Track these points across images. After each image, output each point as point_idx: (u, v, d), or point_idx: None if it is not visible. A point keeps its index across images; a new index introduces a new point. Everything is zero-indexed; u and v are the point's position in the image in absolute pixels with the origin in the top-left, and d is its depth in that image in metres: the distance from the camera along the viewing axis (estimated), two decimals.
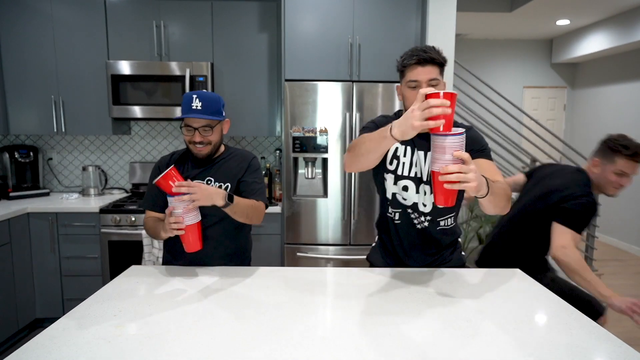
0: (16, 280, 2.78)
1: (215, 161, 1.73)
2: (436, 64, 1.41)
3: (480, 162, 1.43)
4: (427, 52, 1.40)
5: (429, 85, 1.40)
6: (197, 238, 1.49)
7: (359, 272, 1.58)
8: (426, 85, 1.40)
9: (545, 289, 1.43)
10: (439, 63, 1.42)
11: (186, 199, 1.41)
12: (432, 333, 1.10)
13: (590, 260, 4.06)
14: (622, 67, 5.27)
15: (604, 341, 1.08)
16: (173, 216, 1.44)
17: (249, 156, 1.78)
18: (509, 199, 1.37)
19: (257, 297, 1.34)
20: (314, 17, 2.77)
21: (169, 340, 1.06)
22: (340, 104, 2.77)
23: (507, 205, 1.36)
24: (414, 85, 1.42)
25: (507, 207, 1.38)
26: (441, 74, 1.45)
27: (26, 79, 3.05)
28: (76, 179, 3.51)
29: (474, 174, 1.12)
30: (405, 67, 1.44)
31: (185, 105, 1.60)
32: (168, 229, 1.45)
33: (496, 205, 1.32)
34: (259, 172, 1.77)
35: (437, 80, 1.41)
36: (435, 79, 1.41)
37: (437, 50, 1.43)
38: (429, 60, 1.40)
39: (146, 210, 1.75)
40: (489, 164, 1.45)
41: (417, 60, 1.40)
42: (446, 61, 1.45)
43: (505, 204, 1.35)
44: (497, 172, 1.44)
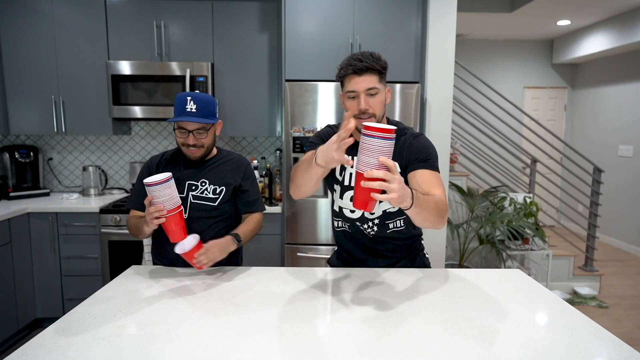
0: (16, 280, 2.78)
1: (208, 163, 1.73)
2: (374, 72, 1.36)
3: (420, 172, 1.39)
4: (363, 61, 1.35)
5: (367, 94, 1.36)
6: (182, 226, 1.47)
7: (359, 272, 1.58)
8: (364, 95, 1.36)
9: (546, 289, 1.43)
10: (377, 70, 1.37)
11: (207, 266, 1.50)
12: (432, 333, 1.10)
13: (591, 260, 4.06)
14: (622, 67, 5.26)
15: (604, 341, 1.08)
16: (152, 205, 1.42)
17: (243, 162, 1.79)
18: (440, 214, 1.29)
19: (257, 297, 1.34)
20: (314, 17, 2.77)
21: (169, 340, 1.06)
22: (340, 104, 2.77)
23: (438, 220, 1.28)
24: (352, 96, 1.38)
25: (439, 223, 1.30)
26: (381, 81, 1.40)
27: (26, 79, 3.05)
28: (76, 179, 3.51)
29: (398, 184, 1.06)
30: (343, 77, 1.41)
31: (179, 107, 1.57)
32: (149, 220, 1.43)
33: (424, 219, 1.25)
34: (255, 179, 1.81)
35: (376, 89, 1.37)
36: (373, 87, 1.36)
37: (376, 57, 1.38)
38: (365, 70, 1.35)
39: (130, 210, 1.74)
40: (429, 175, 1.39)
41: (353, 70, 1.35)
42: (386, 68, 1.40)
43: (436, 219, 1.27)
44: (437, 185, 1.37)
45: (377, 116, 1.40)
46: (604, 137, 5.55)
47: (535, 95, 6.02)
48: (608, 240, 5.46)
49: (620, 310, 3.53)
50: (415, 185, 1.38)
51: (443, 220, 1.32)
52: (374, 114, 1.38)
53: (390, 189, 1.05)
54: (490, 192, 3.76)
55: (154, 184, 1.40)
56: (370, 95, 1.37)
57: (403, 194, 1.09)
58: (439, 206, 1.29)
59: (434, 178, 1.39)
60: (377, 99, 1.39)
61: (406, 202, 1.13)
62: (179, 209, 1.47)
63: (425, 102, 2.86)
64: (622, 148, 5.26)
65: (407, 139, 1.46)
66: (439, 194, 1.34)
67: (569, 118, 6.12)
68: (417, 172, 1.40)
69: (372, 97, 1.38)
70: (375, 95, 1.38)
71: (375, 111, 1.39)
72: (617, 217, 5.32)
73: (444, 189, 1.39)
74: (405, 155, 1.44)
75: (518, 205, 3.67)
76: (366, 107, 1.36)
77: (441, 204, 1.31)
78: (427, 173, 1.40)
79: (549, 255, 3.67)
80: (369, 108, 1.37)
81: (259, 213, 1.78)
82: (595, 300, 3.71)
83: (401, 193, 1.07)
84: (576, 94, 6.05)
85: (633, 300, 3.75)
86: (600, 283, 3.98)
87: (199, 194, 1.67)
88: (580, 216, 4.71)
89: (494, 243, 3.49)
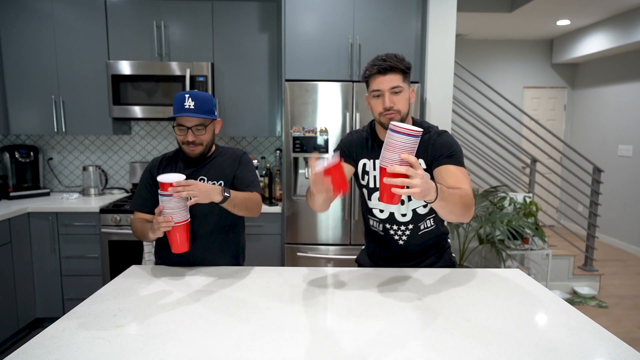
0: (16, 280, 2.78)
1: (207, 160, 1.73)
2: (398, 72, 1.42)
3: (446, 168, 1.43)
4: (387, 61, 1.41)
5: (392, 92, 1.42)
6: (185, 239, 1.47)
7: (359, 272, 1.58)
8: (389, 94, 1.42)
9: (545, 289, 1.43)
10: (401, 70, 1.42)
11: (184, 195, 1.39)
12: (432, 333, 1.10)
13: (590, 260, 4.06)
14: (622, 67, 5.27)
15: (604, 341, 1.08)
16: (162, 215, 1.42)
17: (239, 153, 1.79)
18: (467, 207, 1.33)
19: (256, 297, 1.34)
20: (314, 17, 2.77)
21: (169, 340, 1.06)
22: (341, 104, 2.77)
23: (464, 213, 1.33)
24: (377, 95, 1.44)
25: (465, 216, 1.34)
26: (405, 80, 1.45)
27: (26, 79, 3.05)
28: (76, 179, 3.51)
29: (420, 179, 1.11)
30: (368, 78, 1.46)
31: (178, 104, 1.59)
32: (156, 229, 1.43)
33: (450, 212, 1.30)
34: (250, 164, 1.78)
35: (400, 88, 1.42)
36: (397, 86, 1.42)
37: (400, 58, 1.43)
38: (389, 69, 1.41)
39: (134, 212, 1.74)
40: (455, 170, 1.43)
41: (377, 69, 1.42)
42: (410, 68, 1.45)
43: (462, 212, 1.32)
44: (463, 179, 1.41)
45: (402, 113, 1.45)
46: (603, 137, 5.55)
47: (535, 95, 6.02)
48: (608, 240, 5.46)
49: (620, 310, 3.53)
50: (441, 180, 1.43)
51: (469, 214, 1.36)
52: (399, 110, 1.44)
53: (412, 184, 1.10)
54: (490, 191, 3.76)
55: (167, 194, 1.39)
56: (394, 93, 1.43)
57: (426, 188, 1.13)
58: (465, 199, 1.33)
59: (459, 172, 1.43)
60: (402, 97, 1.44)
61: (430, 196, 1.18)
62: (186, 221, 1.47)
63: (425, 102, 2.86)
64: (621, 148, 5.26)
65: (431, 137, 1.50)
66: (465, 188, 1.38)
67: (568, 118, 6.13)
68: (442, 168, 1.44)
69: (396, 95, 1.43)
70: (399, 94, 1.43)
71: (400, 108, 1.44)
72: (617, 217, 5.32)
73: (470, 183, 1.43)
74: (430, 152, 1.48)
75: (518, 205, 3.67)
76: (391, 105, 1.42)
77: (467, 197, 1.35)
78: (452, 168, 1.43)
79: (548, 255, 3.67)
80: (394, 105, 1.42)
81: (256, 193, 1.72)
82: (595, 300, 3.71)
83: (424, 187, 1.12)
84: (576, 93, 6.05)
85: (633, 300, 3.75)
86: (600, 283, 3.98)
87: None
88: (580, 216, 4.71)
89: (494, 243, 3.49)
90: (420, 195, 1.13)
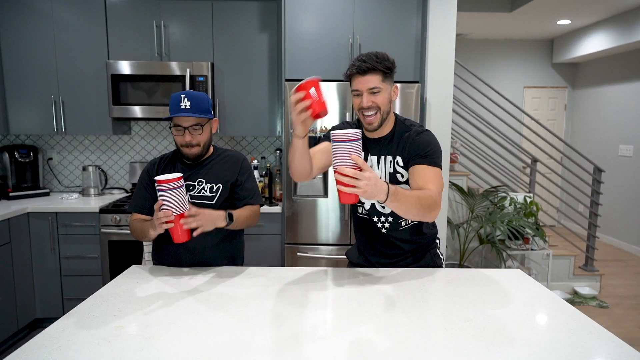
0: (16, 280, 2.78)
1: (205, 162, 1.73)
2: (377, 72, 1.43)
3: (418, 168, 1.46)
4: (366, 62, 1.42)
5: (370, 93, 1.44)
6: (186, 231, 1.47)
7: (359, 272, 1.58)
8: (367, 93, 1.44)
9: (546, 289, 1.43)
10: (380, 70, 1.43)
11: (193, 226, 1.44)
12: (433, 333, 1.10)
13: (591, 260, 4.06)
14: (622, 67, 5.26)
15: (604, 341, 1.07)
16: (162, 210, 1.42)
17: (239, 157, 1.79)
18: (425, 208, 1.35)
19: (256, 297, 1.34)
20: (314, 17, 2.76)
21: (169, 340, 1.06)
22: (341, 104, 2.77)
23: (422, 214, 1.35)
24: (357, 94, 1.48)
25: (425, 217, 1.37)
26: (385, 80, 1.46)
27: (26, 79, 3.05)
28: (76, 179, 3.51)
29: (366, 181, 1.17)
30: (349, 77, 1.49)
31: (174, 105, 1.60)
32: (157, 225, 1.42)
33: (406, 212, 1.35)
34: (252, 172, 1.80)
35: (378, 89, 1.44)
36: (375, 87, 1.43)
37: (380, 58, 1.43)
38: (367, 70, 1.42)
39: (132, 213, 1.73)
40: (426, 170, 1.45)
41: (356, 70, 1.45)
42: (391, 68, 1.46)
43: (419, 212, 1.34)
44: (432, 180, 1.43)
45: (382, 111, 1.47)
46: (604, 137, 5.55)
47: (536, 94, 6.02)
48: (608, 240, 5.45)
49: (621, 310, 3.53)
50: (412, 180, 1.47)
51: (430, 215, 1.38)
52: (379, 107, 1.46)
53: (357, 185, 1.18)
54: (490, 191, 3.76)
55: (165, 189, 1.40)
56: (372, 93, 1.45)
57: (372, 190, 1.20)
58: (424, 201, 1.35)
59: (430, 173, 1.45)
60: (380, 97, 1.46)
61: (379, 197, 1.24)
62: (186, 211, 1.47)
63: (426, 102, 2.86)
64: (622, 147, 5.25)
65: (410, 135, 1.52)
66: (430, 189, 1.40)
67: (569, 117, 6.12)
68: (415, 167, 1.48)
69: (374, 95, 1.45)
70: (377, 94, 1.46)
71: (380, 105, 1.46)
72: (618, 216, 5.31)
73: (439, 185, 1.44)
74: (408, 150, 1.51)
75: (518, 205, 3.67)
76: (368, 105, 1.45)
77: (427, 199, 1.36)
78: (423, 168, 1.46)
79: (549, 255, 3.67)
80: (372, 104, 1.45)
81: (257, 206, 1.77)
82: (595, 300, 3.70)
83: (370, 189, 1.19)
84: (576, 93, 6.04)
85: (633, 300, 3.75)
86: (600, 283, 3.98)
87: (197, 193, 1.68)
88: (581, 216, 4.70)
89: (494, 243, 3.48)
90: (366, 196, 1.20)
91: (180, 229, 1.45)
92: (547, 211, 5.50)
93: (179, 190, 1.42)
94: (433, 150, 1.49)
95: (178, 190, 1.42)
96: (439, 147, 1.51)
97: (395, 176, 1.54)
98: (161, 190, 1.40)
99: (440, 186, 1.44)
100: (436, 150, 1.50)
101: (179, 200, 1.43)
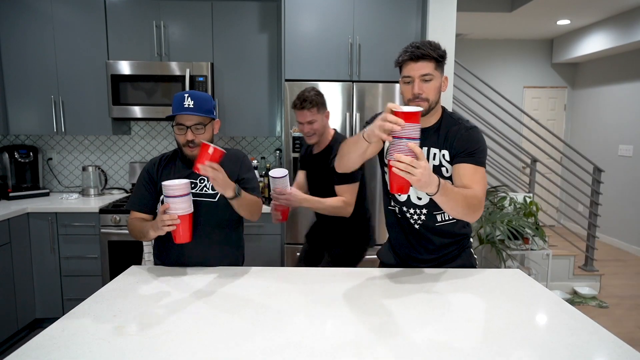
0: (16, 280, 2.77)
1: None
2: (430, 59, 1.41)
3: (464, 166, 1.44)
4: (420, 48, 1.41)
5: (422, 80, 1.42)
6: (188, 229, 1.48)
7: (359, 272, 1.58)
8: (419, 81, 1.42)
9: (546, 289, 1.43)
10: (433, 58, 1.42)
11: (210, 174, 1.45)
12: (433, 333, 1.10)
13: (591, 260, 4.06)
14: (622, 67, 5.26)
15: (604, 341, 1.07)
16: (167, 214, 1.43)
17: (239, 155, 1.79)
18: (471, 208, 1.35)
19: (256, 297, 1.34)
20: (314, 17, 2.76)
21: (169, 340, 1.06)
22: (341, 104, 2.77)
23: (467, 212, 1.36)
24: (408, 81, 1.45)
25: (469, 216, 1.38)
26: (438, 68, 1.44)
27: (26, 79, 3.05)
28: (76, 179, 3.51)
29: (422, 170, 1.16)
30: (400, 63, 1.47)
31: (177, 104, 1.60)
32: (160, 227, 1.43)
33: (451, 209, 1.35)
34: (252, 170, 1.81)
35: (431, 76, 1.42)
36: (427, 74, 1.41)
37: (434, 46, 1.43)
38: (421, 56, 1.41)
39: (131, 212, 1.74)
40: (472, 170, 1.43)
41: (409, 56, 1.42)
42: (444, 56, 1.45)
43: (465, 211, 1.35)
44: (477, 181, 1.41)
45: (431, 101, 1.45)
46: (604, 137, 5.55)
47: (535, 94, 6.02)
48: (608, 240, 5.45)
49: (621, 310, 3.53)
50: (456, 178, 1.44)
51: (474, 215, 1.39)
52: (427, 98, 1.44)
53: (414, 173, 1.16)
54: (490, 191, 3.76)
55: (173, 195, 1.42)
56: (424, 81, 1.42)
57: (427, 180, 1.18)
58: (469, 200, 1.35)
59: (476, 173, 1.43)
60: (431, 85, 1.44)
61: (430, 189, 1.23)
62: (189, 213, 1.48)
63: None
64: (622, 148, 5.26)
65: (459, 130, 1.49)
66: (476, 189, 1.39)
67: (568, 118, 6.12)
68: (460, 165, 1.44)
69: (426, 83, 1.43)
70: (429, 82, 1.43)
71: (429, 96, 1.44)
72: (617, 216, 5.31)
73: (484, 186, 1.44)
74: (455, 145, 1.47)
75: (518, 205, 3.67)
76: (419, 92, 1.42)
77: (473, 199, 1.36)
78: (470, 167, 1.43)
79: (549, 255, 3.67)
80: (422, 93, 1.42)
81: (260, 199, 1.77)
82: (595, 300, 3.70)
83: (424, 179, 1.17)
84: (576, 93, 6.04)
85: (633, 300, 3.75)
86: (600, 283, 3.98)
87: (199, 191, 1.68)
88: (581, 216, 4.70)
89: (494, 243, 3.48)
90: (419, 185, 1.19)
91: (183, 229, 1.45)
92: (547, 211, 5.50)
93: (185, 197, 1.44)
94: (481, 149, 1.46)
95: (185, 198, 1.44)
96: (485, 146, 1.49)
97: (440, 170, 1.50)
98: (169, 196, 1.42)
99: (485, 187, 1.43)
100: (484, 149, 1.48)
101: (186, 206, 1.45)
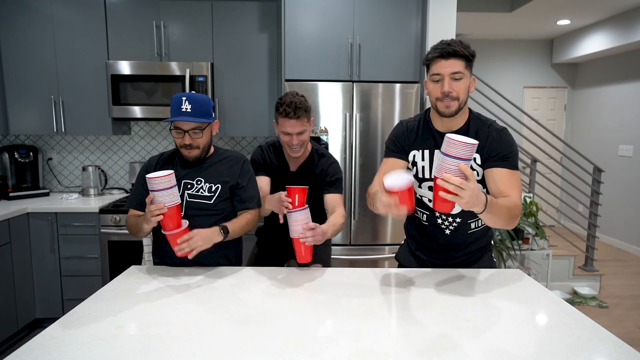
0: (16, 280, 2.77)
1: (205, 162, 1.73)
2: (461, 57, 1.38)
3: (499, 171, 1.40)
4: (451, 45, 1.37)
5: (452, 78, 1.38)
6: (177, 220, 1.48)
7: (359, 272, 1.58)
8: (449, 79, 1.38)
9: (546, 289, 1.43)
10: (463, 56, 1.38)
11: (188, 250, 1.47)
12: (433, 333, 1.10)
13: (591, 260, 4.06)
14: (622, 67, 5.26)
15: (604, 341, 1.07)
16: (153, 204, 1.44)
17: (240, 159, 1.78)
18: (513, 218, 1.34)
19: (256, 297, 1.34)
20: (314, 17, 2.76)
21: (169, 340, 1.06)
22: (341, 104, 2.77)
23: (509, 223, 1.35)
24: (437, 79, 1.40)
25: (509, 225, 1.36)
26: (467, 67, 1.40)
27: (26, 79, 3.05)
28: (76, 179, 3.51)
29: (471, 192, 1.13)
30: (429, 61, 1.42)
31: (175, 107, 1.60)
32: (149, 218, 1.44)
33: (494, 222, 1.33)
34: (252, 176, 1.79)
35: (461, 74, 1.38)
36: (458, 72, 1.37)
37: (464, 44, 1.39)
38: (452, 54, 1.37)
39: (130, 210, 1.75)
40: (508, 175, 1.39)
41: (440, 53, 1.38)
42: (474, 55, 1.41)
43: (507, 222, 1.34)
44: (514, 186, 1.38)
45: (460, 100, 1.41)
46: (604, 137, 5.55)
47: (535, 94, 6.02)
48: (608, 240, 5.45)
49: (621, 310, 3.53)
50: (492, 183, 1.41)
51: (514, 223, 1.37)
52: (457, 97, 1.39)
53: (461, 195, 1.14)
54: None
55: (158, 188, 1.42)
56: (454, 79, 1.38)
57: (474, 202, 1.17)
58: (512, 211, 1.33)
59: (512, 178, 1.40)
60: (462, 84, 1.39)
61: (478, 207, 1.21)
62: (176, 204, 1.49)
63: (425, 102, 2.86)
64: (622, 148, 5.25)
65: (491, 133, 1.45)
66: (514, 196, 1.37)
67: (569, 118, 6.12)
68: (495, 170, 1.41)
69: (456, 82, 1.39)
70: (459, 80, 1.39)
71: (459, 95, 1.40)
72: (617, 217, 5.31)
73: (520, 190, 1.41)
74: (487, 148, 1.44)
75: None
76: (449, 90, 1.38)
77: (515, 209, 1.34)
78: (505, 172, 1.40)
79: (549, 255, 3.67)
80: (452, 91, 1.38)
81: (255, 210, 1.77)
82: (595, 300, 3.70)
83: (472, 201, 1.15)
84: (576, 93, 6.04)
85: (633, 300, 3.75)
86: (600, 283, 3.98)
87: (195, 192, 1.68)
88: (581, 216, 4.70)
89: (494, 243, 3.48)
90: (467, 206, 1.17)
91: (171, 218, 1.46)
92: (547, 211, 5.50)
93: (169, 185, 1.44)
94: (514, 152, 1.43)
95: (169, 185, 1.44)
96: (517, 149, 1.46)
97: None
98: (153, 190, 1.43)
99: (521, 192, 1.40)
100: (516, 151, 1.45)
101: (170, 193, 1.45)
